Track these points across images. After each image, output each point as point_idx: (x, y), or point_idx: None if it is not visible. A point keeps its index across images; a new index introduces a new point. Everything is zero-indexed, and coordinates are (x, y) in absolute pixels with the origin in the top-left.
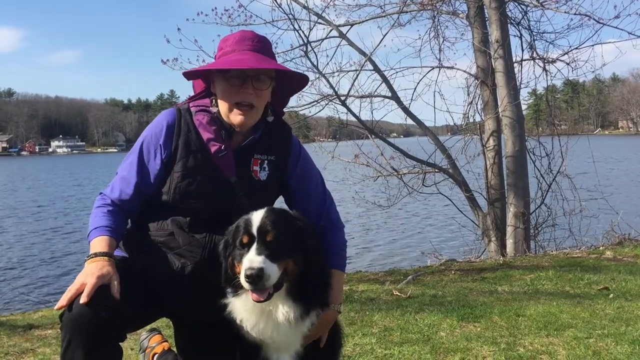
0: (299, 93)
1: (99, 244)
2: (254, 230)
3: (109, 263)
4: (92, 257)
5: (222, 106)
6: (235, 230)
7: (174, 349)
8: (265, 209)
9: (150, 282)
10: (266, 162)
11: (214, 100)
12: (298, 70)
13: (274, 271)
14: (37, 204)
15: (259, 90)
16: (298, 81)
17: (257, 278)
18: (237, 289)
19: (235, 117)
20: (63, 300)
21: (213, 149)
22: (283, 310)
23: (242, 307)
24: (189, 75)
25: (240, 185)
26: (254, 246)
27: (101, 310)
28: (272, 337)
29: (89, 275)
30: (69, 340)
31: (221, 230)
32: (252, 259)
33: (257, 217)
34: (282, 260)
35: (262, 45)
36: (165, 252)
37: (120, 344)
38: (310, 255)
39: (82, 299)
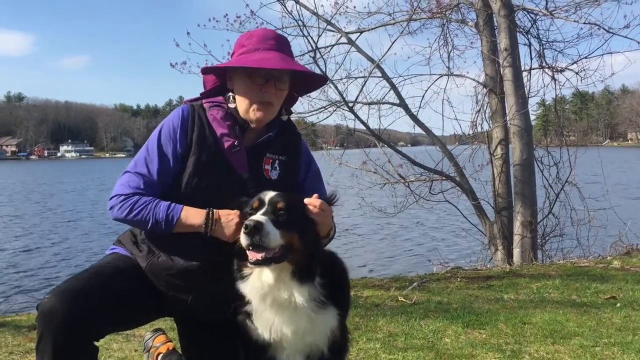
0: (308, 98)
1: (191, 211)
2: (266, 199)
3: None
4: (212, 212)
5: (242, 103)
6: (250, 203)
7: (178, 350)
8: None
9: (153, 281)
10: (277, 161)
11: (230, 97)
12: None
13: (275, 233)
14: (56, 206)
15: (280, 90)
16: (314, 82)
17: (254, 229)
18: (243, 266)
19: (255, 114)
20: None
21: (226, 144)
22: (296, 296)
23: (251, 292)
24: (206, 70)
25: (252, 183)
26: (261, 210)
27: (73, 306)
28: (288, 331)
29: (231, 213)
30: (41, 334)
31: None
32: (253, 218)
33: (273, 192)
34: (287, 230)
35: (284, 45)
36: (170, 251)
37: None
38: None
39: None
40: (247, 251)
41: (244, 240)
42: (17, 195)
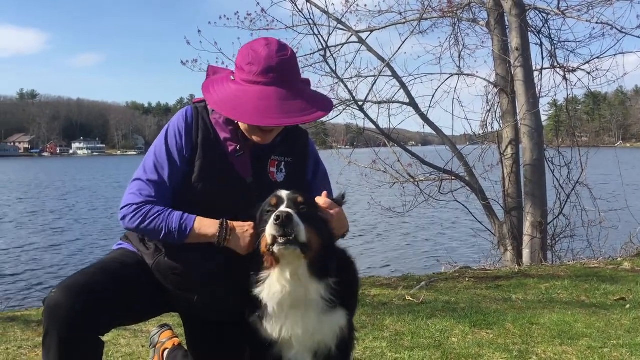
0: None
1: (205, 221)
2: (284, 195)
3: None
4: (226, 222)
5: (242, 124)
6: (265, 203)
7: (184, 345)
8: None
9: (159, 279)
10: (283, 163)
11: None
12: (322, 104)
13: (302, 226)
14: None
15: None
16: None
17: (286, 219)
18: (260, 268)
19: (256, 139)
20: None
21: (230, 148)
22: (311, 294)
23: (268, 295)
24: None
25: (256, 186)
26: (282, 205)
27: (77, 302)
28: (298, 330)
29: (246, 225)
30: (47, 329)
31: None
32: (281, 209)
33: (286, 190)
34: (308, 225)
35: (285, 75)
36: (177, 250)
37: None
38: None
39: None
40: (277, 239)
41: (274, 231)
42: (33, 191)
